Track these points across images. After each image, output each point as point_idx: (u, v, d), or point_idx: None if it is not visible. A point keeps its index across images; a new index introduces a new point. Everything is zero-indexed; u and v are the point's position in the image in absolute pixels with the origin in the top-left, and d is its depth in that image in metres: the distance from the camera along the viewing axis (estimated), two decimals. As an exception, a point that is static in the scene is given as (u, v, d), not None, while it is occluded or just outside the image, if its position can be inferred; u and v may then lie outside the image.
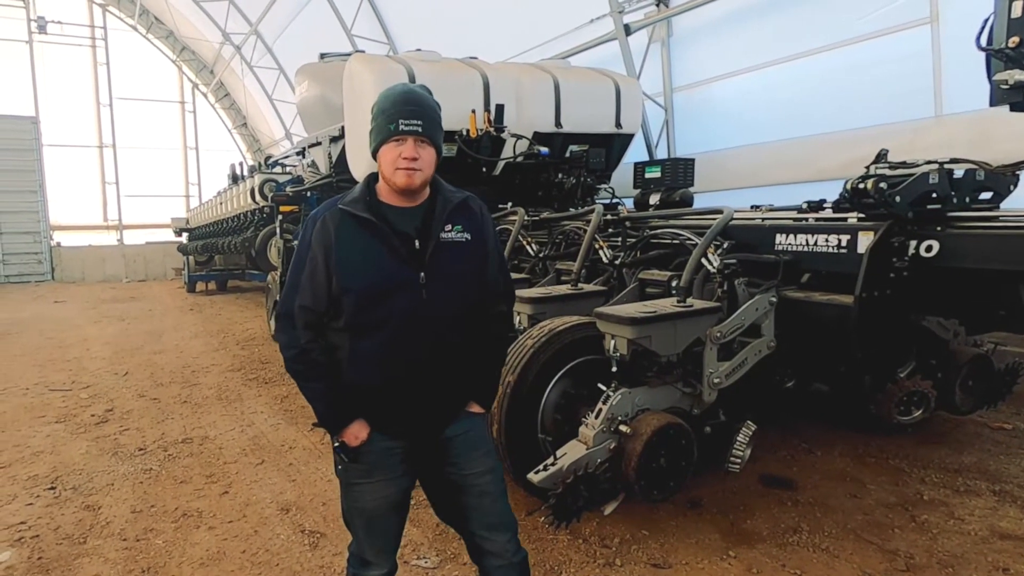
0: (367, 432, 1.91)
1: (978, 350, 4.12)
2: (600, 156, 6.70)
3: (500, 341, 2.15)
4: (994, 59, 2.87)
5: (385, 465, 1.94)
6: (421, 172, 1.82)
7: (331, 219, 1.84)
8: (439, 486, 2.08)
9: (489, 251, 2.00)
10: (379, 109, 1.85)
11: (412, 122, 1.79)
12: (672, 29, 8.48)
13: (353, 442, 1.90)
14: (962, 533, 3.12)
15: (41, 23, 21.34)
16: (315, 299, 1.84)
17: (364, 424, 1.91)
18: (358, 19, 14.10)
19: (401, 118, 1.79)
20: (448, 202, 1.91)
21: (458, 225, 1.91)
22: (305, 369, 1.89)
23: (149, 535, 3.36)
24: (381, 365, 1.86)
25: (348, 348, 1.86)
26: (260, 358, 7.79)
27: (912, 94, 6.08)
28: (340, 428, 1.90)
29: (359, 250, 1.82)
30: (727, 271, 3.40)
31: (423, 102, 1.85)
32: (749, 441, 3.23)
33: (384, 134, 1.81)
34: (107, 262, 21.53)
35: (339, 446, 1.92)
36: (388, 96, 1.86)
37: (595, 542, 3.10)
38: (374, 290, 1.82)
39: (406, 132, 1.79)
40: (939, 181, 3.11)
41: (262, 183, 10.74)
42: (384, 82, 5.44)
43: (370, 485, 1.95)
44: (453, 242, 1.90)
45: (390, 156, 1.81)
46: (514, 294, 2.26)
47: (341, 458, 1.93)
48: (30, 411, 5.68)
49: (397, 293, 1.82)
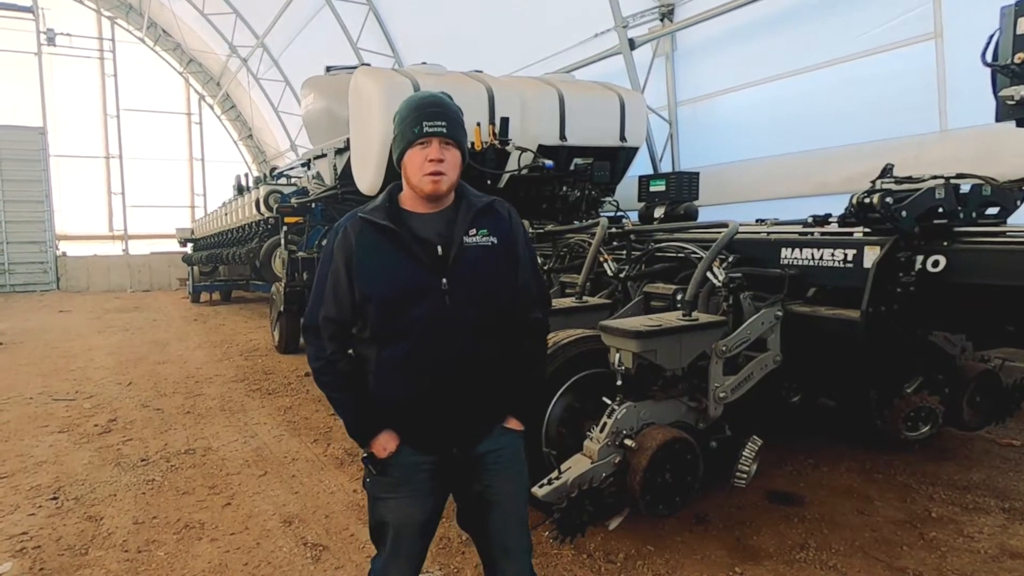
0: (396, 444, 1.87)
1: (986, 366, 4.09)
2: (605, 169, 6.71)
3: (536, 350, 2.06)
4: (1000, 75, 2.88)
5: (412, 481, 1.89)
6: (447, 176, 1.79)
7: (352, 228, 1.83)
8: (467, 499, 2.02)
9: (519, 255, 1.92)
10: (401, 116, 1.83)
11: (436, 124, 1.77)
12: (676, 43, 8.53)
13: (381, 453, 1.86)
14: (971, 551, 3.08)
15: (50, 35, 21.61)
16: (339, 309, 1.83)
17: (393, 436, 1.87)
18: (364, 33, 14.24)
19: (425, 120, 1.77)
20: (472, 206, 1.87)
21: (483, 229, 1.86)
22: (332, 380, 1.88)
23: (151, 546, 3.34)
24: (407, 375, 1.82)
25: (375, 359, 1.84)
26: (264, 369, 7.79)
27: (916, 109, 6.09)
28: (368, 439, 1.87)
29: (379, 257, 1.80)
30: (732, 285, 3.38)
31: (446, 105, 1.83)
32: (755, 456, 3.20)
33: (409, 138, 1.79)
34: (112, 272, 21.62)
35: (367, 457, 1.89)
36: (410, 102, 1.84)
37: (600, 557, 3.07)
38: (395, 297, 1.79)
39: (431, 134, 1.77)
40: (945, 196, 3.10)
41: (267, 194, 10.78)
42: (389, 95, 5.47)
43: (396, 500, 1.91)
44: (478, 246, 1.84)
45: (417, 160, 1.78)
46: (549, 300, 2.18)
47: (369, 470, 1.90)
48: (34, 421, 5.68)
49: (419, 300, 1.78)
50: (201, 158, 25.34)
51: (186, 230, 19.57)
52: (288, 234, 9.31)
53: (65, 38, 22.04)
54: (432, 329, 1.79)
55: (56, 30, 21.76)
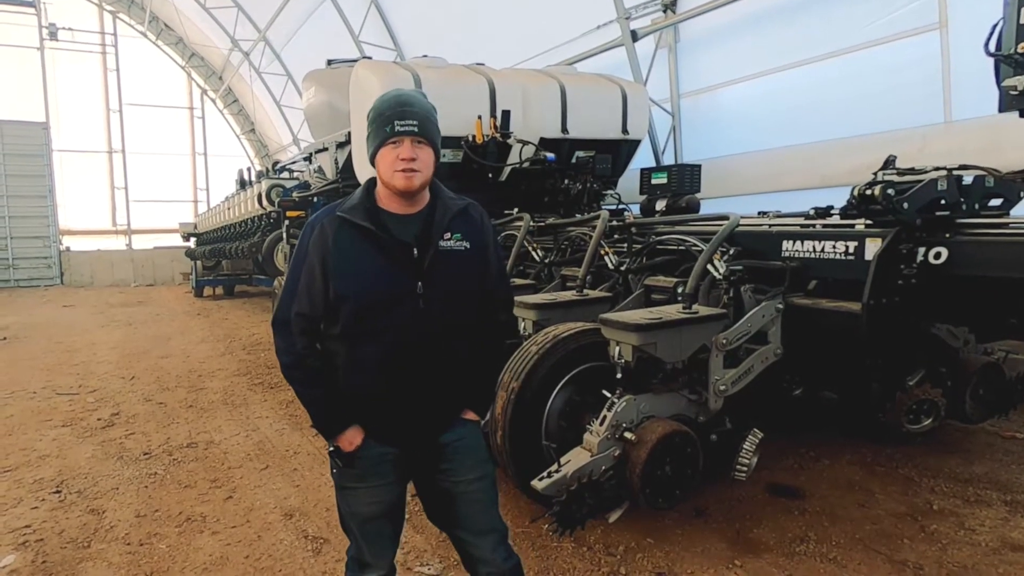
0: (361, 438, 1.91)
1: (989, 358, 4.07)
2: (606, 162, 6.69)
3: (497, 350, 2.15)
4: (1003, 65, 2.85)
5: (378, 471, 1.94)
6: (420, 173, 1.80)
7: (329, 226, 1.83)
8: (431, 492, 2.06)
9: (489, 259, 1.98)
10: (374, 115, 1.85)
11: (408, 122, 1.78)
12: (679, 35, 8.48)
13: (347, 447, 1.90)
14: (972, 544, 3.07)
15: (52, 30, 21.61)
16: (312, 306, 1.84)
17: (359, 430, 1.91)
18: (366, 26, 14.19)
19: (396, 119, 1.78)
20: (448, 210, 1.90)
21: (457, 233, 1.89)
22: (302, 375, 1.89)
23: (153, 539, 3.36)
24: (378, 374, 1.86)
25: (345, 356, 1.86)
26: (266, 363, 7.80)
27: (921, 100, 6.05)
28: (335, 434, 1.90)
29: (356, 258, 1.81)
30: (733, 277, 3.37)
31: (417, 103, 1.84)
32: (756, 449, 3.19)
33: (380, 137, 1.81)
34: (116, 267, 21.68)
35: (334, 451, 1.92)
36: (382, 100, 1.85)
37: (600, 550, 3.07)
38: (371, 299, 1.81)
39: (402, 132, 1.78)
40: (948, 188, 3.07)
41: (269, 188, 10.77)
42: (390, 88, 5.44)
43: (363, 490, 1.95)
44: (452, 251, 1.88)
45: (388, 158, 1.80)
46: (513, 302, 2.26)
47: (336, 462, 1.93)
48: (37, 415, 5.70)
49: (395, 303, 1.82)
50: (204, 152, 25.33)
51: (189, 225, 19.62)
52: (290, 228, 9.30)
53: (67, 33, 22.03)
54: (406, 331, 1.83)
55: (58, 25, 21.76)
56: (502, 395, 3.20)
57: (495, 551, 2.01)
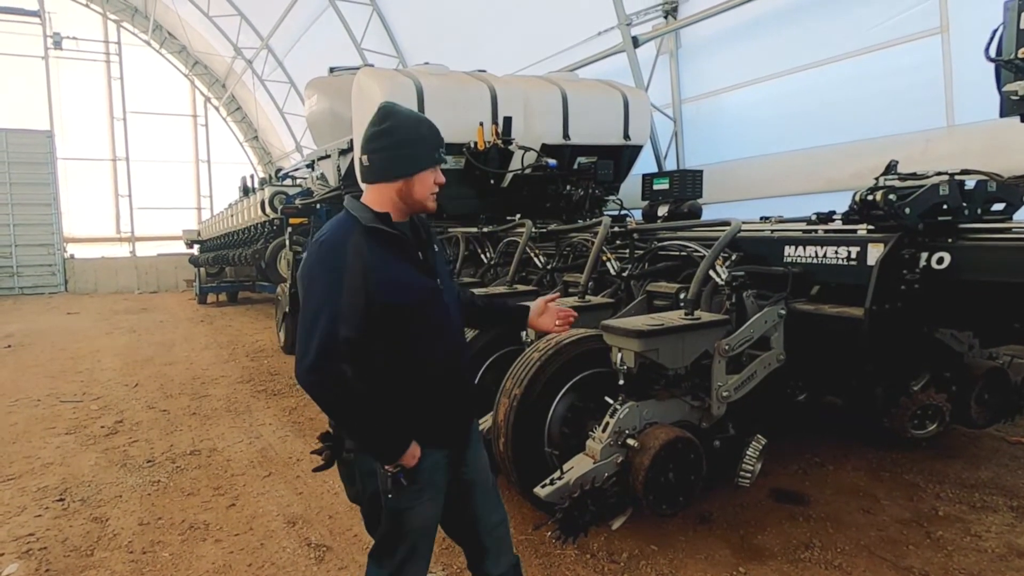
0: (420, 449, 1.87)
1: (993, 363, 4.05)
2: (608, 168, 6.69)
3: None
4: (1004, 70, 2.85)
5: (435, 480, 1.94)
6: None
7: (364, 240, 1.80)
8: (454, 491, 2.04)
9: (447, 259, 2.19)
10: (417, 135, 1.89)
11: (443, 151, 1.96)
12: (680, 41, 8.49)
13: (412, 462, 1.84)
14: (979, 550, 3.06)
15: (57, 39, 21.73)
16: (358, 328, 1.75)
17: (416, 443, 1.86)
18: (368, 33, 14.24)
19: (440, 148, 1.93)
20: (421, 218, 2.03)
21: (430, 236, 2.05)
22: (356, 403, 1.77)
23: (156, 547, 3.36)
24: (435, 375, 1.92)
25: (401, 366, 1.85)
26: (269, 370, 7.81)
27: (923, 104, 6.04)
28: (401, 452, 1.82)
29: (394, 267, 1.84)
30: (735, 283, 3.37)
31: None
32: (759, 455, 3.18)
33: (429, 162, 1.90)
34: (120, 274, 21.74)
35: (399, 472, 1.82)
36: (422, 123, 1.93)
37: (603, 557, 3.07)
38: (415, 303, 1.87)
39: (441, 160, 1.94)
40: (950, 192, 3.07)
41: (272, 195, 10.82)
42: (392, 96, 5.47)
43: (421, 505, 1.91)
44: (437, 252, 2.03)
45: (428, 181, 1.91)
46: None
47: (399, 484, 1.82)
48: (41, 422, 5.71)
49: (429, 303, 1.91)
50: (207, 160, 25.39)
51: (193, 232, 19.68)
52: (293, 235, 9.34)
53: (72, 42, 22.14)
54: (442, 329, 1.94)
55: (63, 34, 21.87)
56: (504, 402, 3.20)
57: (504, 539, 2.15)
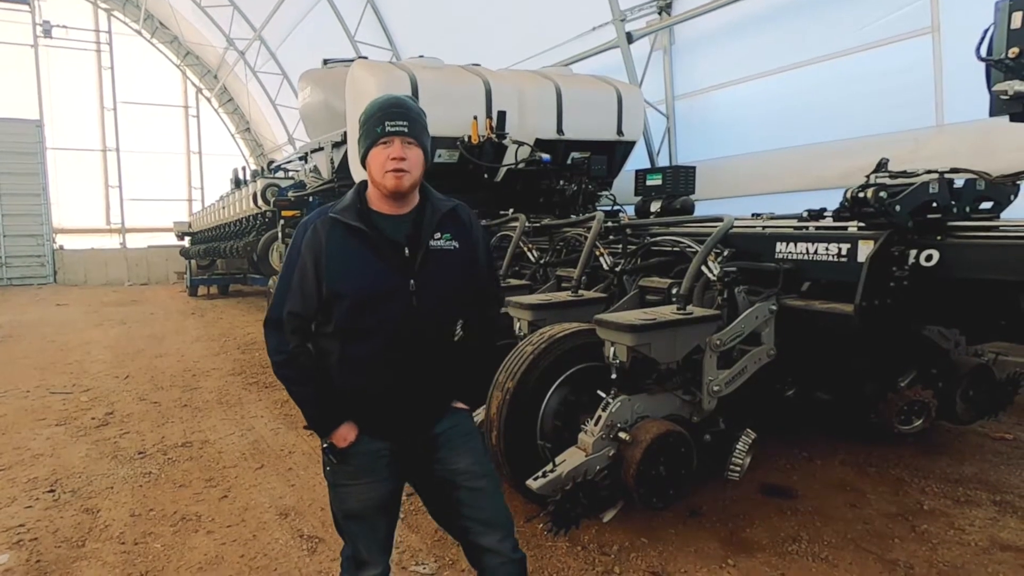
0: (355, 434, 1.93)
1: (979, 360, 4.11)
2: (602, 163, 6.72)
3: (486, 345, 2.23)
4: (994, 69, 2.88)
5: (372, 468, 1.96)
6: (409, 174, 1.85)
7: (321, 227, 1.87)
8: (431, 486, 2.09)
9: (479, 259, 2.05)
10: (365, 117, 1.90)
11: (398, 123, 1.84)
12: (674, 37, 8.51)
13: (341, 444, 1.92)
14: (962, 544, 3.11)
15: (46, 27, 21.49)
16: (304, 305, 1.87)
17: (352, 426, 1.93)
18: (361, 25, 14.18)
19: (387, 120, 1.84)
20: (437, 210, 1.95)
21: (447, 233, 1.95)
22: (294, 374, 1.93)
23: (147, 539, 3.36)
24: (371, 371, 1.90)
25: (338, 353, 1.90)
26: (261, 362, 7.79)
27: (913, 103, 6.09)
28: (329, 430, 1.93)
29: (349, 257, 1.85)
30: (727, 279, 3.40)
31: (407, 106, 1.90)
32: (749, 449, 3.22)
33: (371, 137, 1.86)
34: (109, 265, 21.57)
35: (327, 448, 1.94)
36: (373, 103, 1.91)
37: (594, 549, 3.09)
38: (365, 296, 1.85)
39: (392, 133, 1.83)
40: (939, 190, 3.10)
41: (264, 188, 10.77)
42: (386, 88, 5.46)
43: (356, 487, 1.97)
44: (442, 250, 1.93)
45: (379, 159, 1.84)
46: (502, 300, 2.31)
47: (330, 459, 1.95)
48: (31, 414, 5.68)
49: (387, 300, 1.86)
50: (199, 151, 25.26)
51: (184, 224, 19.57)
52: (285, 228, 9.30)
53: (62, 30, 21.91)
54: (399, 328, 1.88)
55: (52, 22, 21.63)
56: (497, 395, 3.22)
57: (503, 542, 2.01)
